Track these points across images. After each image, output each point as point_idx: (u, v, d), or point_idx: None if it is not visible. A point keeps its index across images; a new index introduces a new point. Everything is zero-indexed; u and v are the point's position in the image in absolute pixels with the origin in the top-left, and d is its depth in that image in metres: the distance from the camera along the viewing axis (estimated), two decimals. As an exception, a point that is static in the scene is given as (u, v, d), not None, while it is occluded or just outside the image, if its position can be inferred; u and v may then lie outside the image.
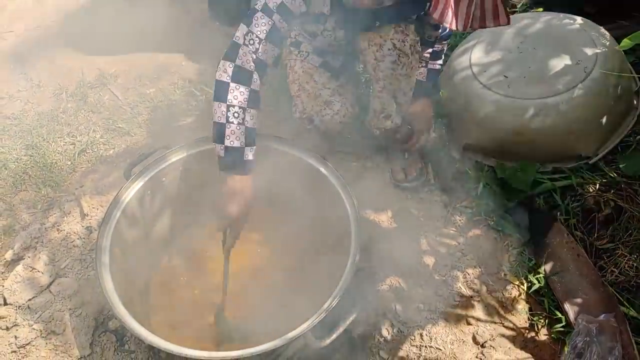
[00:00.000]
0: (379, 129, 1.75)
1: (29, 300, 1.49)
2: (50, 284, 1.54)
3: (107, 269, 1.28)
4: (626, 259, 1.48)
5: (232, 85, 1.30)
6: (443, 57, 1.76)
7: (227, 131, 1.30)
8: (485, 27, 1.34)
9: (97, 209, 1.75)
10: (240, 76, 1.30)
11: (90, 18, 2.73)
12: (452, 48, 2.12)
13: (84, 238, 1.66)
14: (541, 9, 2.25)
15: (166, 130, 2.09)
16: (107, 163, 1.96)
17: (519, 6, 2.34)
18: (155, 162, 1.50)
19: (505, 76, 1.73)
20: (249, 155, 1.34)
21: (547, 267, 1.54)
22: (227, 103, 1.29)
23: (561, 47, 1.75)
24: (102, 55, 2.47)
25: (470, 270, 1.56)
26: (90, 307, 1.50)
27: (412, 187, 1.78)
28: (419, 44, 1.56)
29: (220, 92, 1.30)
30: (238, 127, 1.30)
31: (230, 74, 1.30)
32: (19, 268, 1.57)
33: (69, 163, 1.97)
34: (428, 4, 1.47)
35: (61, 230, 1.70)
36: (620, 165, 1.64)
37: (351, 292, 1.45)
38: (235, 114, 1.30)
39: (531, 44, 1.80)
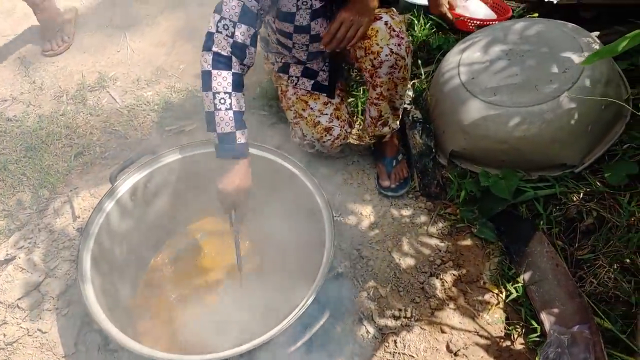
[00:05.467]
0: (375, 136, 1.78)
1: (19, 299, 1.55)
2: (40, 284, 1.60)
3: (90, 281, 1.32)
4: (605, 269, 1.47)
5: (214, 72, 1.33)
6: None
7: (217, 118, 1.35)
8: None
9: (88, 211, 1.80)
10: (220, 63, 1.34)
11: (95, 20, 2.80)
12: (444, 53, 2.13)
13: (74, 239, 1.72)
14: (536, 15, 2.24)
15: (161, 134, 2.14)
16: (102, 165, 2.02)
17: (515, 11, 2.32)
18: (141, 167, 1.54)
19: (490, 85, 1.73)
20: (241, 138, 1.39)
21: (526, 276, 1.54)
22: (213, 91, 1.33)
23: (550, 54, 1.73)
24: (103, 57, 2.54)
25: (448, 278, 1.57)
26: (77, 307, 1.56)
27: (397, 195, 1.80)
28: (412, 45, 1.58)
29: (205, 82, 1.34)
30: (226, 113, 1.35)
31: (210, 62, 1.33)
32: (10, 268, 1.63)
33: (66, 165, 2.03)
34: None
35: (53, 232, 1.76)
36: (605, 175, 1.63)
37: (329, 297, 1.48)
38: (222, 100, 1.34)
39: (519, 50, 1.78)
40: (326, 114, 1.74)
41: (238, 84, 1.37)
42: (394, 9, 1.58)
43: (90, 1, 2.94)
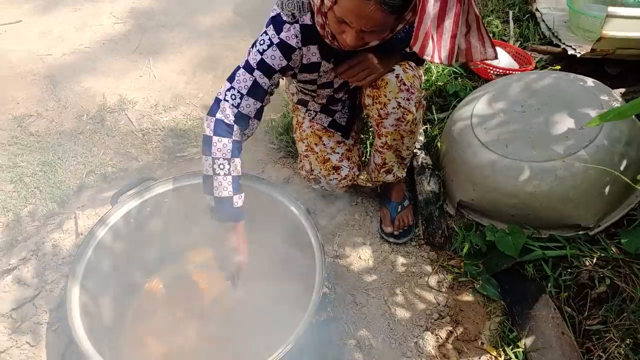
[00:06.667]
0: (379, 183, 1.75)
1: (12, 309, 1.56)
2: (35, 297, 1.61)
3: (77, 305, 1.32)
4: (616, 344, 1.36)
5: (215, 138, 1.35)
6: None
7: (215, 183, 1.36)
8: (471, 61, 1.34)
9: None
10: (222, 129, 1.36)
11: (123, 45, 2.92)
12: (459, 100, 2.10)
13: (74, 255, 1.73)
14: (559, 67, 2.20)
15: (171, 159, 2.17)
16: (110, 185, 2.05)
17: (536, 61, 2.29)
18: (139, 193, 1.55)
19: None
20: (239, 202, 1.39)
21: (528, 341, 1.44)
22: (212, 156, 1.35)
23: (567, 108, 1.68)
24: (126, 81, 2.62)
25: (444, 334, 1.49)
26: (67, 323, 1.54)
27: (399, 242, 1.74)
28: (425, 99, 1.54)
29: (206, 146, 1.36)
30: (224, 178, 1.35)
31: (213, 127, 1.35)
32: (9, 278, 1.65)
33: (78, 182, 2.07)
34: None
35: (55, 246, 1.78)
36: (622, 241, 1.53)
37: (315, 342, 1.42)
38: (221, 166, 1.35)
39: (536, 103, 1.74)
40: (337, 153, 1.73)
41: (237, 151, 1.39)
42: (411, 63, 1.51)
43: (121, 27, 3.08)
